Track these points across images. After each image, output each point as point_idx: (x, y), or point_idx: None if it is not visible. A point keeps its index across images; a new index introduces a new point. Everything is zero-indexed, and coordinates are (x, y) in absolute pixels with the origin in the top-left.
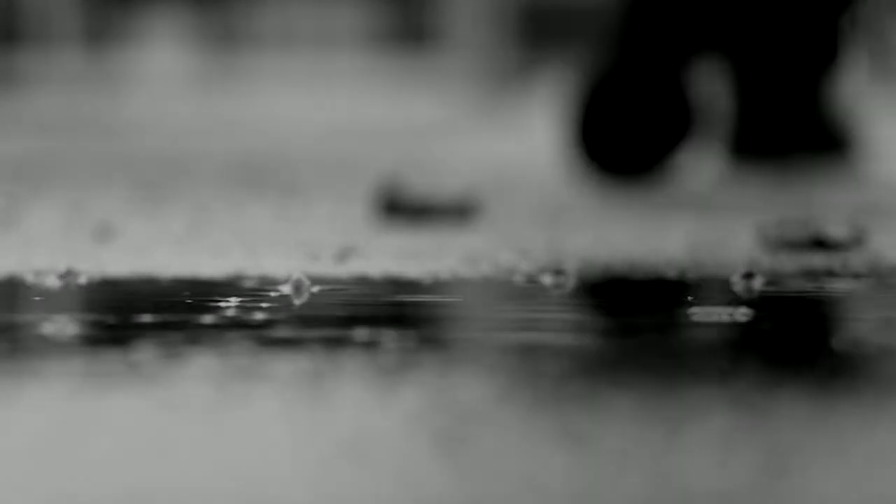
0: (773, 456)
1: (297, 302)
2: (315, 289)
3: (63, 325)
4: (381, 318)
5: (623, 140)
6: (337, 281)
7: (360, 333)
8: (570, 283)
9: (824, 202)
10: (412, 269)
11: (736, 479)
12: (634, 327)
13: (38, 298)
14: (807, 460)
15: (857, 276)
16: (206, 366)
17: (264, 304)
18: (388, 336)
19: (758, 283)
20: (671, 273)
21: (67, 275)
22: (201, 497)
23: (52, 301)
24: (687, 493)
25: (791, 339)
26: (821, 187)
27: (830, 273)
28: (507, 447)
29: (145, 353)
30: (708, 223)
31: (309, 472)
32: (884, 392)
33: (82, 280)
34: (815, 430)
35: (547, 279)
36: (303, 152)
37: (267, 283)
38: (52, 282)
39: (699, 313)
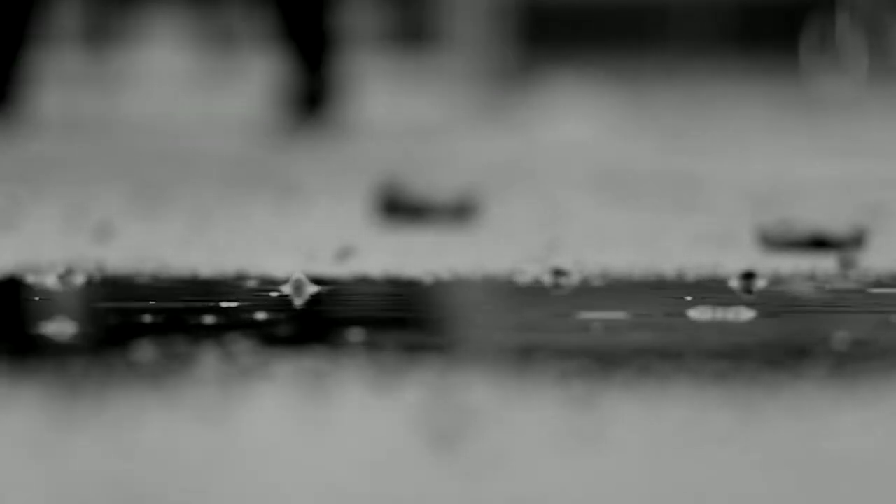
0: (773, 455)
1: (297, 302)
2: (315, 289)
3: (63, 325)
4: (381, 318)
5: None
6: (337, 281)
7: (360, 333)
8: (571, 283)
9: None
10: (412, 269)
11: (737, 478)
12: (635, 327)
13: (38, 298)
14: (806, 459)
15: (856, 276)
16: (206, 366)
17: (264, 304)
18: (388, 336)
19: (758, 283)
20: (671, 273)
21: (67, 275)
22: (201, 496)
23: (52, 301)
24: (688, 491)
25: (791, 339)
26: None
27: (830, 273)
28: (507, 447)
29: (145, 353)
30: (708, 223)
31: (309, 471)
32: (883, 392)
33: (82, 280)
34: (814, 430)
35: (547, 279)
36: (303, 152)
37: (267, 283)
38: (52, 282)
39: (699, 313)
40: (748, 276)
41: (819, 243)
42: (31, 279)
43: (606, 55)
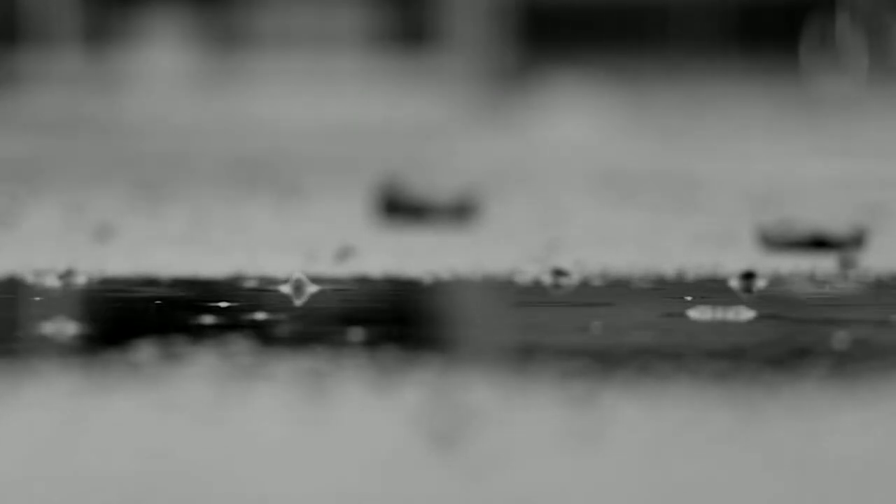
0: (773, 455)
1: (297, 302)
2: (315, 289)
3: (63, 325)
4: (381, 318)
5: None
6: (337, 281)
7: (360, 333)
8: (571, 282)
9: None
10: (412, 268)
11: (737, 478)
12: (635, 327)
13: (38, 298)
14: (806, 459)
15: (856, 276)
16: (206, 366)
17: (264, 304)
18: (388, 336)
19: (758, 283)
20: (671, 273)
21: (67, 275)
22: (201, 496)
23: (52, 301)
24: (688, 491)
25: (791, 339)
26: None
27: (830, 273)
28: (507, 447)
29: (145, 353)
30: (708, 223)
31: (309, 471)
32: (883, 392)
33: (82, 280)
34: (814, 430)
35: (547, 279)
36: (303, 152)
37: (267, 283)
38: (52, 282)
39: (699, 313)
40: (748, 276)
41: (819, 243)
42: (30, 279)
43: (606, 55)
